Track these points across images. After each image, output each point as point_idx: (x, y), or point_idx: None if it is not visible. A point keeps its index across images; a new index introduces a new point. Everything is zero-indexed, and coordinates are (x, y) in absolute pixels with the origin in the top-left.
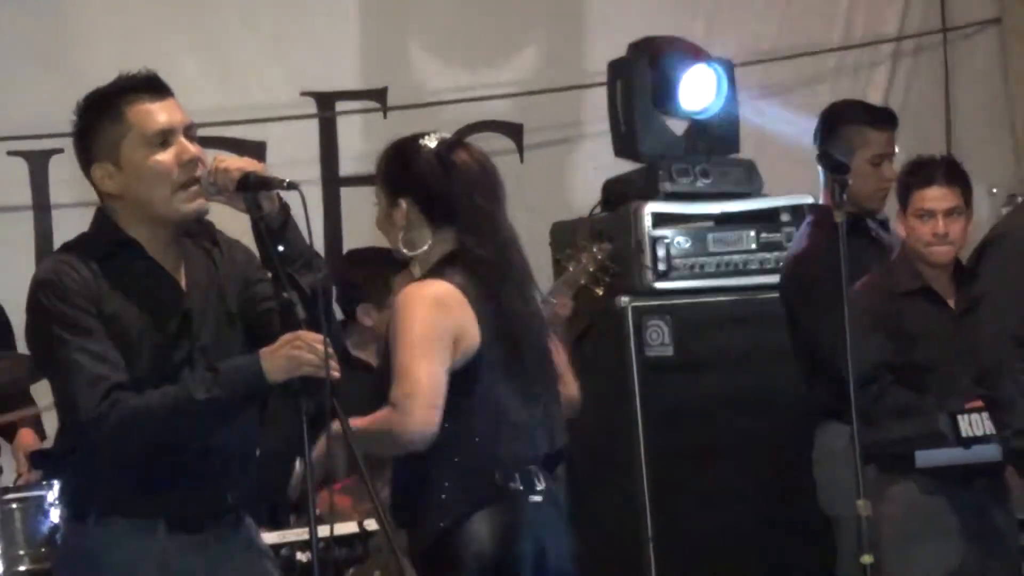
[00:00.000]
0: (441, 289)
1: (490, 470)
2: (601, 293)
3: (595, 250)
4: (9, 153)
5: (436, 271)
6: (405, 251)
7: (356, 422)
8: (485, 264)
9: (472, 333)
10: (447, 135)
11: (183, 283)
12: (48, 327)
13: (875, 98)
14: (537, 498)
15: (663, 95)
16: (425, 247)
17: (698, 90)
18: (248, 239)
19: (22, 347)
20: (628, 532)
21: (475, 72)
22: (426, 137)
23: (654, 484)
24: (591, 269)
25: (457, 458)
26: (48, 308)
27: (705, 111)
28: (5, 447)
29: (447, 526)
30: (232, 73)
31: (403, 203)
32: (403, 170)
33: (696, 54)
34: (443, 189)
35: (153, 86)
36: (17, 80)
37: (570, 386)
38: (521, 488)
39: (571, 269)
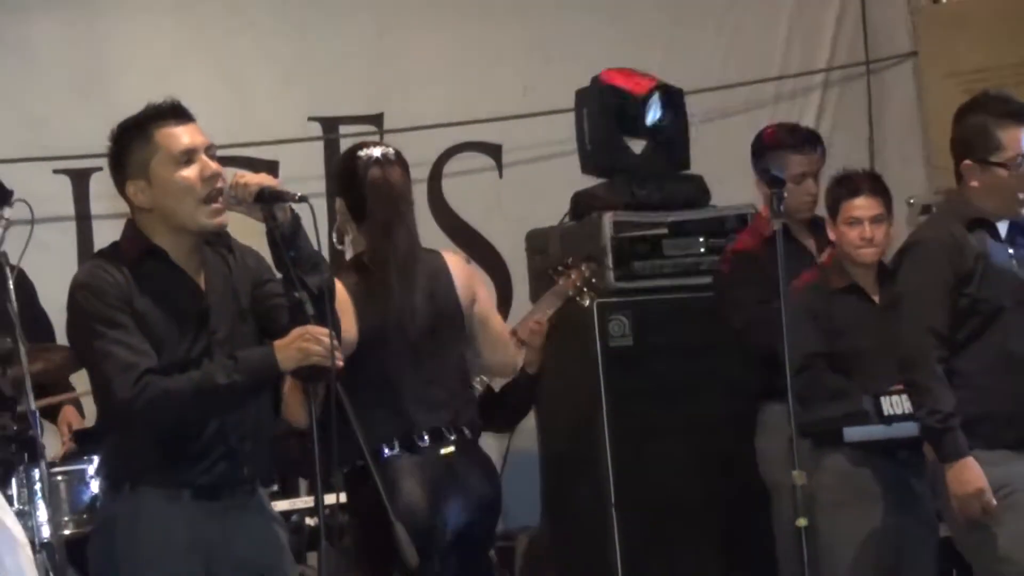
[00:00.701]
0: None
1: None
2: (586, 304)
3: (583, 268)
4: (55, 171)
5: (342, 270)
6: (335, 241)
7: None
8: (378, 265)
9: (349, 329)
10: (390, 150)
11: (203, 285)
12: (86, 322)
13: (808, 122)
14: (448, 448)
15: (622, 117)
16: (349, 239)
17: (653, 111)
18: (261, 245)
19: (62, 340)
20: (594, 498)
21: (460, 100)
22: (367, 148)
23: (616, 456)
24: (579, 284)
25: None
26: (86, 306)
27: (659, 129)
28: (50, 428)
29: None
30: (248, 101)
31: (339, 201)
32: (340, 173)
33: (651, 81)
34: (361, 195)
35: (178, 112)
36: (62, 109)
37: (503, 353)
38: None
39: (561, 283)
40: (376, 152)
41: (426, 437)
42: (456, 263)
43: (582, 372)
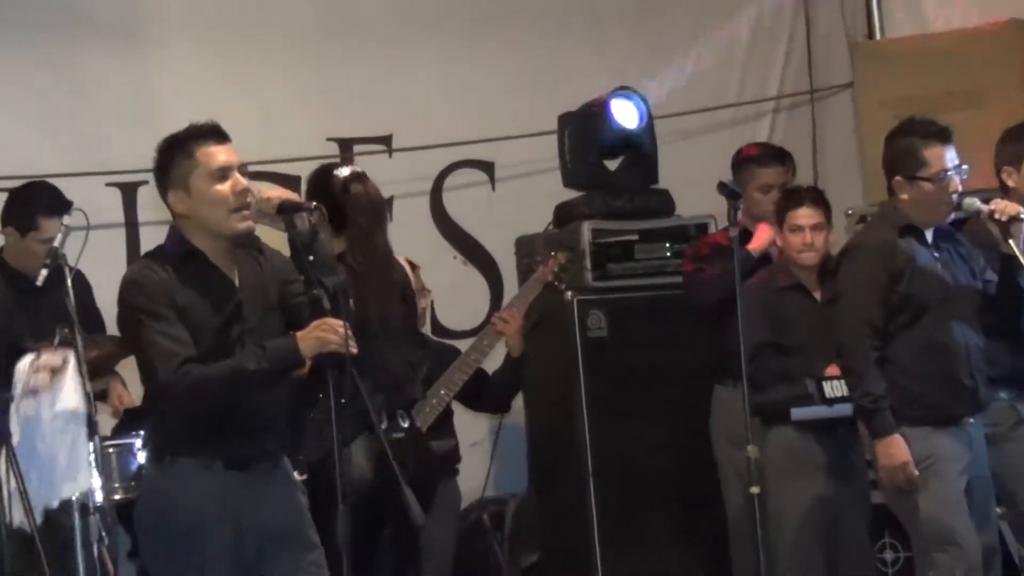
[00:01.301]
0: None
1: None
2: (563, 287)
3: (559, 256)
4: (107, 184)
5: None
6: None
7: None
8: (354, 271)
9: None
10: (359, 169)
11: (236, 282)
12: (135, 315)
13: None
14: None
15: (600, 129)
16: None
17: (628, 118)
18: (286, 250)
19: (112, 331)
20: (574, 468)
21: (459, 123)
22: (339, 168)
23: (593, 432)
24: (555, 270)
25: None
26: (134, 301)
27: (633, 138)
28: (102, 407)
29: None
30: (274, 124)
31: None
32: (318, 189)
33: (628, 103)
34: (340, 206)
35: (216, 133)
36: (113, 130)
37: None
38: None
39: (540, 270)
40: (350, 171)
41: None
42: (407, 264)
43: (564, 360)
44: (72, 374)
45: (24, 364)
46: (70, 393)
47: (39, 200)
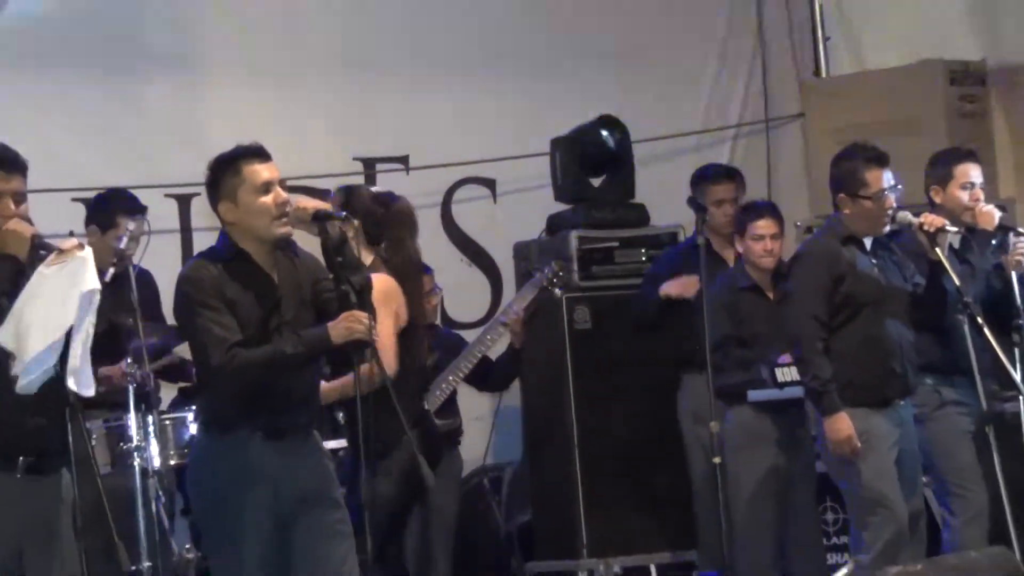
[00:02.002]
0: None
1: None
2: (557, 294)
3: (555, 265)
4: (165, 195)
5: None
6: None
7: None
8: (399, 271)
9: (402, 314)
10: (383, 190)
11: (276, 279)
12: (189, 306)
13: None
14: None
15: (587, 152)
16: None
17: (610, 154)
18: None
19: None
20: (561, 441)
21: (466, 145)
22: (370, 187)
23: (578, 410)
24: (551, 277)
25: None
26: (189, 294)
27: (615, 160)
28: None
29: None
30: (307, 145)
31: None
32: (351, 205)
33: (610, 132)
34: (377, 221)
35: (260, 152)
36: (170, 147)
37: None
38: None
39: (538, 275)
40: (382, 189)
41: None
42: None
43: (554, 348)
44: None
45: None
46: (91, 277)
47: (119, 203)
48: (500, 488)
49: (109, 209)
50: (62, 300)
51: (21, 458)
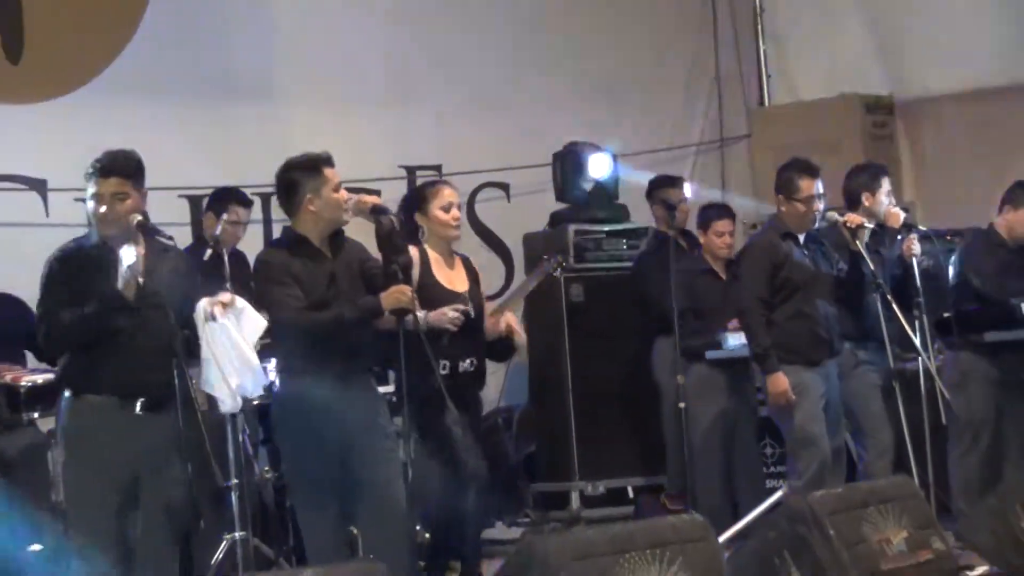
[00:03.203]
0: None
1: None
2: (558, 274)
3: (559, 257)
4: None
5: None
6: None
7: None
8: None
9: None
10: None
11: (332, 259)
12: (265, 283)
13: (686, 176)
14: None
15: (580, 163)
16: None
17: (598, 158)
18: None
19: None
20: (559, 389)
21: (487, 156)
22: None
23: (573, 365)
24: (554, 265)
25: None
26: (264, 273)
27: (602, 169)
28: None
29: None
30: (362, 155)
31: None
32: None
33: (598, 148)
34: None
35: (331, 161)
36: (254, 157)
37: None
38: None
39: (543, 264)
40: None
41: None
42: None
43: (554, 316)
44: (247, 309)
45: (201, 303)
46: (252, 323)
47: (233, 194)
48: (511, 425)
49: (224, 198)
50: (240, 339)
51: (140, 399)
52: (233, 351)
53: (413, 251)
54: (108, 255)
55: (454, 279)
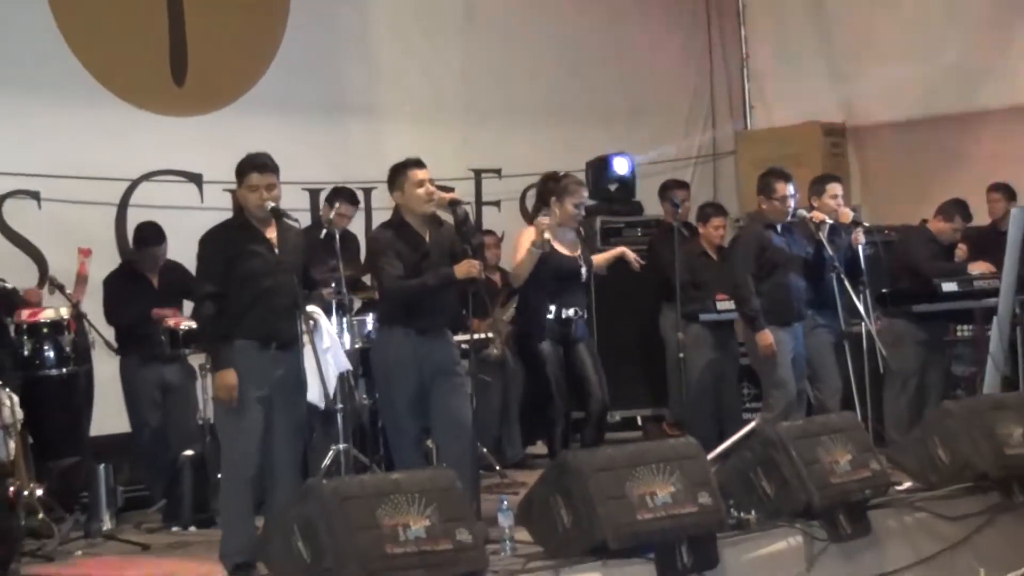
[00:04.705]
0: None
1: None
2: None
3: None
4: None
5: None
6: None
7: None
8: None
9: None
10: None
11: (427, 239)
12: (373, 256)
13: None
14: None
15: (607, 169)
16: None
17: (621, 165)
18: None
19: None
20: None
21: (534, 162)
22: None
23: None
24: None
25: None
26: (372, 248)
27: (624, 174)
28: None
29: None
30: (441, 160)
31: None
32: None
33: (622, 156)
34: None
35: (419, 162)
36: (361, 160)
37: None
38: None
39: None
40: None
41: None
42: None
43: None
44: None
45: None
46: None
47: (346, 194)
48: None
49: (339, 196)
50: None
51: (274, 342)
52: (315, 363)
53: (531, 229)
54: (248, 232)
55: (568, 247)
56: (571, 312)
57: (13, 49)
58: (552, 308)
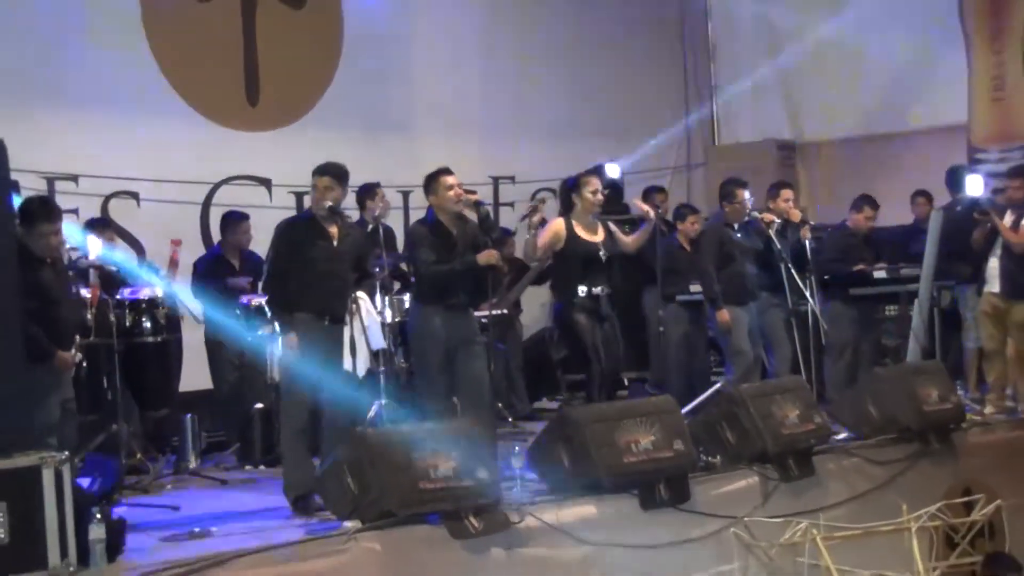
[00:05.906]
0: None
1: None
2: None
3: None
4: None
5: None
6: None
7: None
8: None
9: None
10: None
11: (455, 233)
12: (412, 245)
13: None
14: None
15: (601, 174)
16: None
17: (613, 171)
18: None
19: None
20: None
21: (542, 170)
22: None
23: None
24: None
25: None
26: (411, 240)
27: (615, 178)
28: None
29: None
30: (466, 168)
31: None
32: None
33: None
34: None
35: (449, 170)
36: (399, 165)
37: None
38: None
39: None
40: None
41: None
42: None
43: None
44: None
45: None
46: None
47: (373, 187)
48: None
49: (372, 191)
50: (364, 327)
51: (327, 316)
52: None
53: (560, 220)
54: (314, 225)
55: (592, 235)
56: (597, 290)
57: (117, 74)
58: (582, 288)
